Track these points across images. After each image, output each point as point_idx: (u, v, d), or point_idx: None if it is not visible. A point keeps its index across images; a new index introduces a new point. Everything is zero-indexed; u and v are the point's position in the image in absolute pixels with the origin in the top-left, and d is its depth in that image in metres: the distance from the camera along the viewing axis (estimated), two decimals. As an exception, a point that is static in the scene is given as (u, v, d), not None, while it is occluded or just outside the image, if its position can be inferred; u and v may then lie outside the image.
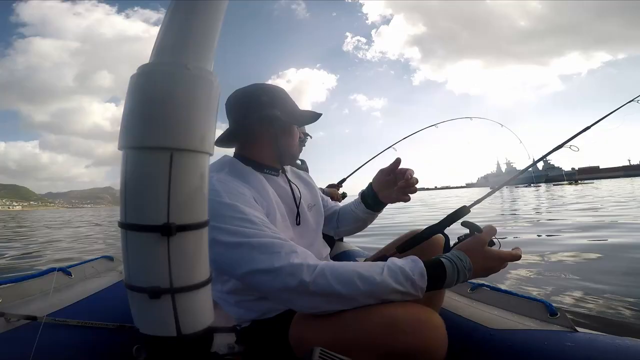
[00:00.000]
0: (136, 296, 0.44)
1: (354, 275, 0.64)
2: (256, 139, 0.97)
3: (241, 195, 0.81)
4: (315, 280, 0.64)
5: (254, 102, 0.95)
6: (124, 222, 0.44)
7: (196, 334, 0.47)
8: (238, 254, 0.70)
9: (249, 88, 1.00)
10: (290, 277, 0.65)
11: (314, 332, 0.66)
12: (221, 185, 0.81)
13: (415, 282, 0.65)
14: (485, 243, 0.74)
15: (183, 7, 0.47)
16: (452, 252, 0.72)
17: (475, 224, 0.77)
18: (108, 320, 1.03)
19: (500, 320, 0.95)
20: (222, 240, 0.71)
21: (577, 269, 2.74)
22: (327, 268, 0.65)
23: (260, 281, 0.68)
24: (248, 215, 0.76)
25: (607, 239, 3.97)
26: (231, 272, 0.73)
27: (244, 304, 0.90)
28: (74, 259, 3.84)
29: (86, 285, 1.25)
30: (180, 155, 0.44)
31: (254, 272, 0.68)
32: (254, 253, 0.69)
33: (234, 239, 0.71)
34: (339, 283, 0.63)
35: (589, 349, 0.75)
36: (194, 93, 0.45)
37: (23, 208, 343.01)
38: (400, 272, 0.65)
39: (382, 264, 0.67)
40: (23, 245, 6.89)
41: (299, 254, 0.69)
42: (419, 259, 0.68)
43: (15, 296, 0.99)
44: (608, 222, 5.52)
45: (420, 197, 27.92)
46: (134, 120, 0.44)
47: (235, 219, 0.74)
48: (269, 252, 0.68)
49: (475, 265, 0.70)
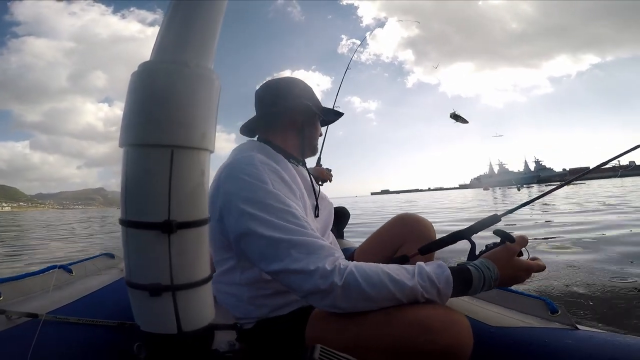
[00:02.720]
0: (137, 294, 0.44)
1: (385, 278, 0.64)
2: (283, 126, 0.96)
3: (284, 183, 0.78)
4: (346, 282, 0.63)
5: (284, 90, 0.96)
6: (124, 219, 0.44)
7: (197, 332, 0.47)
8: (275, 249, 0.68)
9: (281, 79, 1.01)
10: (322, 279, 0.64)
11: (335, 332, 0.65)
12: (265, 168, 0.78)
13: (441, 290, 0.65)
14: (515, 253, 0.73)
15: (183, 5, 0.47)
16: (480, 260, 0.71)
17: (507, 232, 0.75)
18: (109, 317, 1.03)
19: (500, 317, 0.94)
20: (262, 233, 0.68)
21: (576, 266, 2.74)
22: (358, 270, 0.65)
23: (291, 280, 0.66)
24: (291, 208, 0.73)
25: (604, 234, 3.97)
26: (261, 265, 0.70)
27: (257, 300, 0.85)
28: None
29: (87, 283, 1.24)
30: (181, 153, 0.43)
31: (288, 271, 0.66)
32: (292, 251, 0.66)
33: (276, 234, 0.68)
34: (369, 285, 0.63)
35: (590, 346, 0.75)
36: (195, 90, 0.45)
37: (12, 209, 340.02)
38: (428, 279, 0.65)
39: (412, 269, 0.67)
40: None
41: (335, 257, 0.67)
42: (446, 266, 0.68)
43: (16, 293, 0.99)
44: (604, 221, 5.52)
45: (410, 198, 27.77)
46: (135, 118, 0.44)
47: (278, 210, 0.71)
48: (307, 252, 0.66)
49: (502, 275, 0.70)
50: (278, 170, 0.80)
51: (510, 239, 0.74)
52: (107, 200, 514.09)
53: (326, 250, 0.67)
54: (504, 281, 0.71)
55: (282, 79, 1.01)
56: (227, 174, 0.79)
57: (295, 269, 0.65)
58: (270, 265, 0.68)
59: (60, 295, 1.07)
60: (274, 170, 0.80)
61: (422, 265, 0.67)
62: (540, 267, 0.75)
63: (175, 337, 0.45)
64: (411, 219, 1.10)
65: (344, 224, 2.08)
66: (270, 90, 0.98)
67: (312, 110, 0.96)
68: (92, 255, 1.52)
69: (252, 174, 0.75)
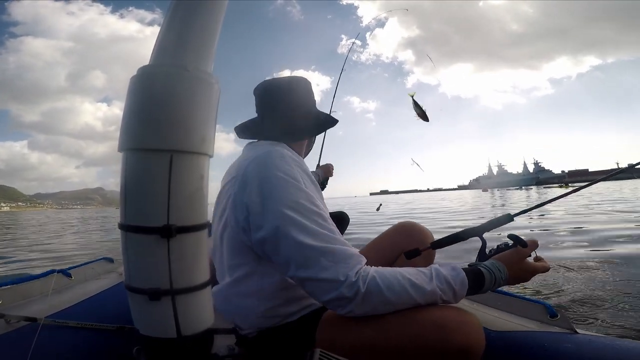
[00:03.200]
0: (136, 298, 0.44)
1: (405, 283, 0.65)
2: (300, 134, 0.94)
3: (312, 182, 0.75)
4: (368, 289, 0.64)
5: (303, 96, 0.93)
6: (124, 224, 0.44)
7: (196, 336, 0.47)
8: (305, 256, 0.65)
9: (294, 80, 0.95)
10: (348, 288, 0.63)
11: (348, 335, 0.66)
12: (295, 165, 0.74)
13: (457, 292, 0.67)
14: (526, 257, 0.75)
15: (183, 9, 0.47)
16: (492, 262, 0.73)
17: (521, 237, 0.77)
18: (108, 321, 1.03)
19: (501, 322, 0.94)
20: (294, 237, 0.65)
21: (576, 269, 2.74)
22: (380, 276, 0.65)
23: (317, 287, 0.66)
24: (321, 210, 0.70)
25: (604, 236, 3.96)
26: (288, 269, 0.67)
27: (270, 312, 0.78)
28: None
29: (86, 287, 1.24)
30: (180, 157, 0.44)
31: (316, 279, 0.65)
32: (322, 259, 0.65)
33: (308, 240, 0.65)
34: (390, 291, 0.64)
35: (589, 350, 0.75)
36: (194, 95, 0.45)
37: (11, 209, 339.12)
38: (445, 282, 0.67)
39: (429, 272, 0.68)
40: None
41: (362, 265, 0.67)
42: (460, 269, 0.69)
43: (15, 298, 0.99)
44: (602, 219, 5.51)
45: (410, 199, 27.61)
46: (134, 122, 0.44)
47: (310, 212, 0.68)
48: (336, 261, 0.65)
49: (510, 276, 0.72)
50: (307, 169, 0.78)
51: (523, 243, 0.76)
52: (106, 199, 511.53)
53: (355, 259, 0.67)
54: (510, 281, 0.74)
55: (295, 81, 0.95)
56: (256, 169, 0.73)
57: (324, 277, 0.64)
58: (298, 271, 0.66)
59: (60, 300, 1.07)
60: (304, 168, 0.77)
61: (439, 268, 0.69)
62: (545, 268, 0.77)
63: (174, 341, 0.45)
64: (411, 227, 1.12)
65: (344, 228, 2.08)
66: (286, 92, 0.92)
67: (320, 122, 0.97)
68: (91, 259, 1.52)
69: (285, 170, 0.71)
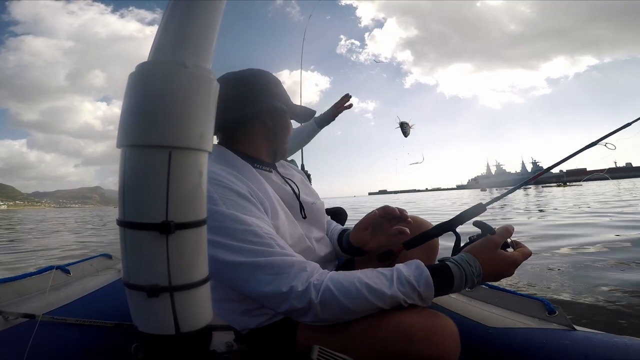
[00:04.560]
0: (135, 294, 0.44)
1: (362, 288, 0.62)
2: (252, 130, 0.89)
3: (240, 197, 0.73)
4: (323, 298, 0.62)
5: (256, 90, 0.87)
6: (122, 220, 0.44)
7: (195, 332, 0.47)
8: (242, 275, 0.65)
9: (247, 73, 0.89)
10: (297, 299, 0.62)
11: (322, 340, 0.64)
12: (215, 187, 0.72)
13: (422, 293, 0.63)
14: (498, 246, 0.69)
15: (182, 5, 0.47)
16: (460, 255, 0.68)
17: (487, 224, 0.71)
18: (106, 318, 1.03)
19: (498, 318, 0.95)
20: (223, 259, 0.65)
21: (575, 266, 2.75)
22: (334, 283, 0.63)
23: (267, 302, 0.66)
24: (251, 226, 0.68)
25: (606, 233, 3.98)
26: (237, 290, 0.69)
27: (251, 312, 0.81)
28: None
29: (84, 284, 1.24)
30: (178, 153, 0.43)
31: (261, 294, 0.64)
32: (259, 274, 0.64)
33: (237, 258, 0.65)
34: (346, 298, 0.62)
35: (587, 347, 0.75)
36: (193, 91, 0.45)
37: (8, 207, 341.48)
38: (408, 283, 0.63)
39: (389, 275, 0.65)
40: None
41: (307, 272, 0.65)
42: (424, 267, 0.65)
43: (13, 294, 0.99)
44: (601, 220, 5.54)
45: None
46: (133, 119, 0.44)
47: (236, 231, 0.67)
48: (275, 273, 0.64)
49: (485, 270, 0.67)
50: (230, 184, 0.74)
51: (490, 230, 0.70)
52: (104, 198, 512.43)
53: (296, 268, 0.65)
54: (488, 276, 0.68)
55: (245, 74, 0.89)
56: None
57: (268, 292, 0.63)
58: (244, 289, 0.66)
59: (58, 296, 1.07)
60: (226, 185, 0.73)
61: (401, 269, 0.65)
62: (525, 255, 0.71)
63: (173, 337, 0.45)
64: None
65: (342, 224, 2.08)
66: (234, 89, 0.86)
67: (284, 112, 0.89)
68: (89, 256, 1.52)
69: (209, 199, 0.71)
